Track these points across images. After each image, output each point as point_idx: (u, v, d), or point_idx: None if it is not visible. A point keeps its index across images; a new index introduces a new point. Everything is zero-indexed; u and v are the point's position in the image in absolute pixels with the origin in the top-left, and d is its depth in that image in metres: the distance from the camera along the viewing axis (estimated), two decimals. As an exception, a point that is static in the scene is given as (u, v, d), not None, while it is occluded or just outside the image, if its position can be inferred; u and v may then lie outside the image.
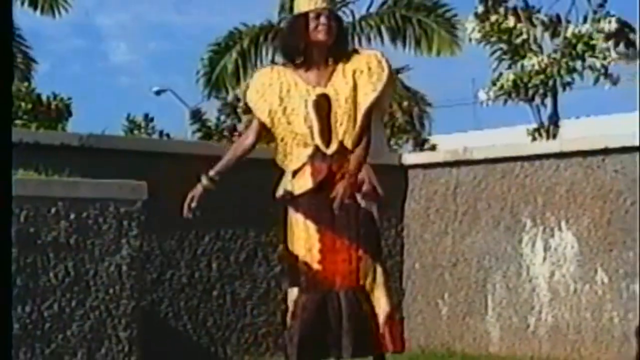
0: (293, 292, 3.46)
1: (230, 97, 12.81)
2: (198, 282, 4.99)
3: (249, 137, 3.62)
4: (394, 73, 3.53)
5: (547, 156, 5.06)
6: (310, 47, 3.48)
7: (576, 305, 4.88)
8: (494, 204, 5.27)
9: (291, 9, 3.78)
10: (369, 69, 3.45)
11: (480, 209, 5.33)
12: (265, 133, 3.62)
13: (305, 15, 3.49)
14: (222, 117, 12.44)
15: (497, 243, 5.24)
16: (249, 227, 5.07)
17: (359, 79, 3.44)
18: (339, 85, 3.45)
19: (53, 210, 3.75)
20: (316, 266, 3.39)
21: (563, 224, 4.97)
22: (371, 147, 3.48)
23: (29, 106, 9.53)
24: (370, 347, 3.43)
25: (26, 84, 10.88)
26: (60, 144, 4.68)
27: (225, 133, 12.20)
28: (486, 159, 5.34)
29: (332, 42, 3.47)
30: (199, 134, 12.33)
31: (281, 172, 3.58)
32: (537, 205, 5.08)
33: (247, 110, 12.27)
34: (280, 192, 3.54)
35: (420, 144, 11.99)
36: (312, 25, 3.46)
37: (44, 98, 9.99)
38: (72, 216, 3.78)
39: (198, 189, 3.65)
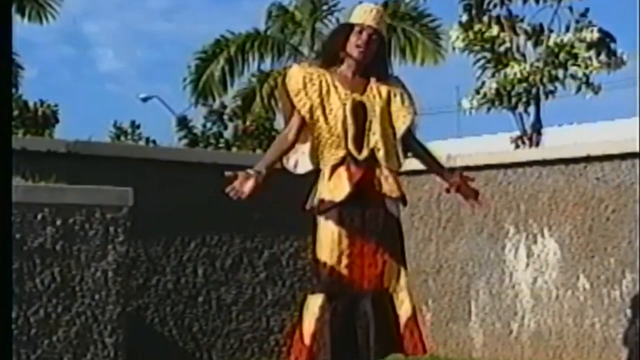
0: (318, 298, 3.48)
1: (216, 104, 12.85)
2: (184, 287, 5.01)
3: (291, 132, 3.58)
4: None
5: (530, 164, 5.12)
6: (347, 58, 3.55)
7: (558, 311, 4.93)
8: (478, 211, 5.31)
9: (277, 17, 3.83)
10: (402, 94, 3.60)
11: (463, 215, 5.38)
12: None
13: (351, 26, 3.56)
14: (208, 124, 12.47)
15: (481, 249, 5.29)
16: (234, 233, 5.10)
17: (392, 100, 3.57)
18: (373, 97, 3.55)
19: (39, 216, 3.76)
20: (345, 271, 3.45)
21: (545, 230, 5.02)
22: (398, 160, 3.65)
23: (16, 113, 9.53)
24: (394, 349, 3.50)
25: (13, 90, 10.86)
26: (46, 150, 4.69)
27: (212, 140, 12.23)
28: (469, 166, 5.37)
29: (368, 61, 3.54)
30: (185, 141, 12.35)
31: (311, 183, 3.58)
32: (519, 212, 5.13)
33: (232, 117, 12.29)
34: (314, 202, 3.55)
35: (404, 151, 12.04)
36: (353, 38, 3.53)
37: (31, 105, 10.00)
38: (59, 222, 3.79)
39: (250, 183, 3.50)
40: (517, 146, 7.90)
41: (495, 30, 7.78)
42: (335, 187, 3.50)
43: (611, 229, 4.73)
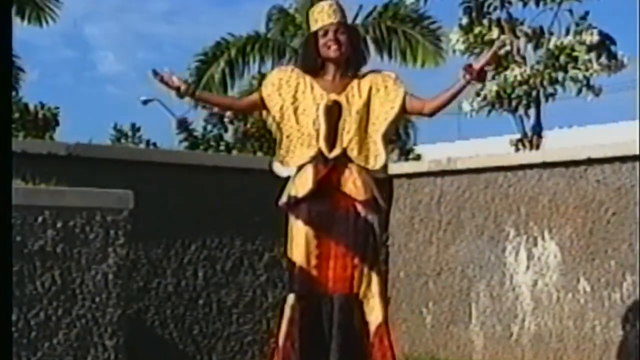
0: (290, 298, 3.50)
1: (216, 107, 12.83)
2: (184, 290, 5.01)
3: (244, 102, 3.90)
4: (407, 92, 3.63)
5: (530, 166, 5.12)
6: (326, 61, 3.55)
7: (559, 313, 4.93)
8: (478, 214, 5.32)
9: (277, 19, 3.85)
10: (386, 87, 3.55)
11: (464, 218, 5.38)
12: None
13: (315, 33, 3.56)
14: (209, 127, 12.46)
15: (481, 252, 5.29)
16: (234, 235, 5.10)
17: (374, 96, 3.54)
18: (352, 96, 3.55)
19: (40, 219, 3.76)
20: (313, 272, 3.44)
21: (546, 233, 5.02)
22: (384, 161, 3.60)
23: (16, 115, 9.54)
24: (358, 356, 3.46)
25: (13, 93, 10.88)
26: (47, 153, 4.70)
27: (212, 142, 12.22)
28: (470, 169, 5.39)
29: (346, 55, 3.54)
30: (185, 144, 12.34)
31: (284, 182, 3.61)
32: (520, 215, 5.13)
33: (233, 119, 12.31)
34: (283, 199, 3.58)
35: (406, 154, 12.06)
36: (321, 42, 3.54)
37: (31, 107, 10.00)
38: (59, 225, 3.79)
39: (175, 81, 3.63)
40: (518, 149, 7.90)
41: (495, 33, 7.79)
42: (300, 184, 3.51)
43: (612, 231, 4.73)
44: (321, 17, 3.56)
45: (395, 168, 5.89)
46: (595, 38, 7.59)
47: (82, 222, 3.84)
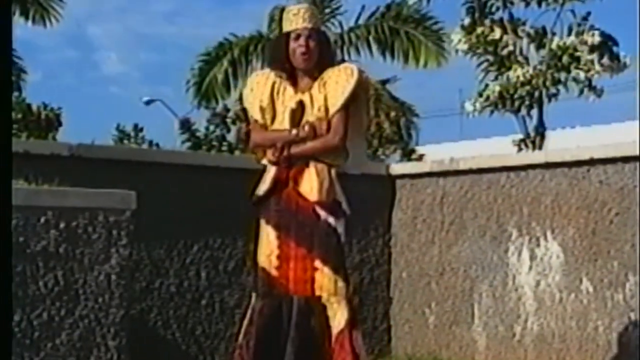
0: (252, 298, 3.52)
1: (219, 107, 12.86)
2: (187, 291, 5.02)
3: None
4: (365, 82, 3.66)
5: (533, 167, 5.11)
6: (295, 63, 3.57)
7: (561, 314, 4.92)
8: (481, 214, 5.32)
9: (280, 20, 3.86)
10: (338, 78, 3.56)
11: (466, 218, 5.38)
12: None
13: (287, 35, 3.58)
14: (211, 127, 12.48)
15: (484, 252, 5.28)
16: (237, 236, 5.10)
17: (329, 87, 3.55)
18: (314, 93, 3.57)
19: (42, 219, 3.76)
20: (273, 272, 3.45)
21: (548, 233, 5.02)
22: (351, 158, 3.59)
23: (19, 116, 9.55)
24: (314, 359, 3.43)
25: (16, 94, 10.89)
26: (50, 153, 4.70)
27: (214, 143, 12.24)
28: (472, 169, 5.39)
29: (314, 60, 3.56)
30: (188, 144, 12.36)
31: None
32: (522, 215, 5.13)
33: (236, 120, 12.31)
34: (253, 198, 3.63)
35: (408, 154, 12.06)
36: (292, 45, 3.56)
37: (34, 108, 10.01)
38: (62, 225, 3.79)
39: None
40: (520, 149, 7.89)
41: (497, 33, 7.78)
42: (263, 183, 3.57)
43: (614, 232, 4.72)
44: (296, 19, 3.58)
45: (397, 168, 5.90)
46: (597, 39, 7.58)
47: (84, 222, 3.84)
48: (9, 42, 3.18)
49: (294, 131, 3.52)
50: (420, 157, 11.57)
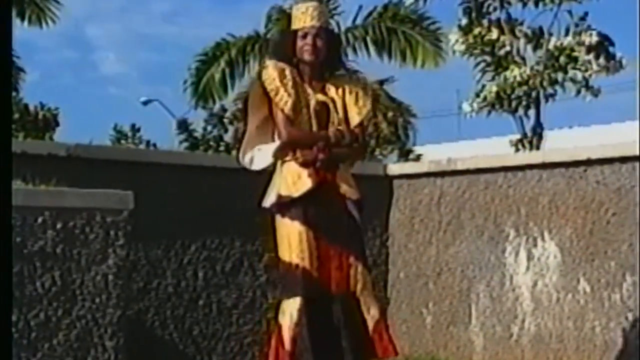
0: (290, 302, 3.48)
1: (216, 108, 12.85)
2: (184, 291, 5.01)
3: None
4: (374, 101, 3.73)
5: (530, 167, 5.12)
6: (300, 63, 3.56)
7: (559, 314, 4.93)
8: (478, 214, 5.32)
9: (277, 20, 3.85)
10: (357, 93, 3.59)
11: (464, 219, 5.38)
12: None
13: (294, 32, 3.56)
14: (209, 128, 12.47)
15: (481, 253, 5.29)
16: (234, 236, 5.10)
17: (348, 100, 3.58)
18: (333, 97, 3.58)
19: (40, 219, 3.76)
20: (315, 274, 3.46)
21: (546, 234, 5.02)
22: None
23: (17, 116, 9.54)
24: (365, 353, 3.50)
25: (14, 94, 10.87)
26: (47, 153, 4.70)
27: (212, 143, 12.23)
28: (470, 170, 5.40)
29: (321, 59, 3.54)
30: (185, 144, 12.34)
31: (266, 182, 3.63)
32: (520, 216, 5.13)
33: (233, 120, 12.30)
34: (272, 198, 3.57)
35: (405, 154, 12.06)
36: (299, 43, 3.54)
37: (31, 108, 10.00)
38: (59, 225, 3.79)
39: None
40: (518, 149, 7.90)
41: (495, 33, 7.79)
42: (294, 184, 3.50)
43: (612, 232, 4.73)
44: (304, 18, 3.56)
45: (395, 169, 5.90)
46: (595, 39, 7.59)
47: (82, 222, 3.84)
48: (9, 42, 3.17)
49: (332, 135, 3.53)
50: (418, 158, 11.57)
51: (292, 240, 3.49)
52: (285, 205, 3.52)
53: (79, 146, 4.88)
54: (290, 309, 3.48)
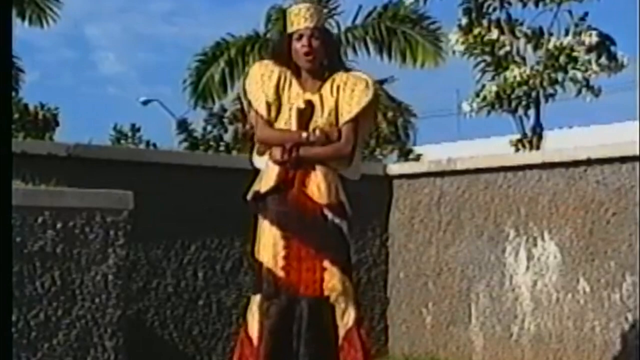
0: (254, 298, 3.49)
1: (216, 108, 12.85)
2: (184, 291, 5.02)
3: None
4: (378, 96, 3.62)
5: (530, 167, 5.12)
6: (298, 64, 3.55)
7: (558, 314, 4.93)
8: (478, 214, 5.32)
9: (277, 20, 3.85)
10: (353, 90, 3.53)
11: (463, 218, 5.38)
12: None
13: (290, 35, 3.55)
14: (209, 128, 12.47)
15: (481, 253, 5.29)
16: (234, 236, 5.10)
17: (343, 94, 3.52)
18: (325, 95, 3.53)
19: (40, 219, 3.77)
20: (280, 273, 3.42)
21: (546, 233, 5.02)
22: (352, 165, 3.57)
23: (16, 116, 9.54)
24: (327, 359, 3.44)
25: (13, 94, 10.87)
26: (47, 153, 4.70)
27: (212, 143, 12.23)
28: (470, 170, 5.40)
29: (319, 61, 3.53)
30: (185, 144, 12.35)
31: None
32: (520, 215, 5.13)
33: (233, 120, 12.31)
34: (250, 194, 3.59)
35: (405, 154, 12.06)
36: (295, 46, 3.53)
37: (31, 108, 10.01)
38: (59, 225, 3.80)
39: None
40: (518, 149, 7.90)
41: (495, 33, 7.78)
42: (264, 180, 3.51)
43: (611, 232, 4.73)
44: (297, 20, 3.53)
45: (394, 168, 5.90)
46: (595, 39, 7.59)
47: (81, 222, 3.84)
48: (9, 42, 3.18)
49: (305, 134, 3.46)
50: (418, 157, 11.57)
51: (262, 238, 3.49)
52: (258, 200, 3.52)
53: (78, 146, 4.88)
54: (253, 306, 3.48)
